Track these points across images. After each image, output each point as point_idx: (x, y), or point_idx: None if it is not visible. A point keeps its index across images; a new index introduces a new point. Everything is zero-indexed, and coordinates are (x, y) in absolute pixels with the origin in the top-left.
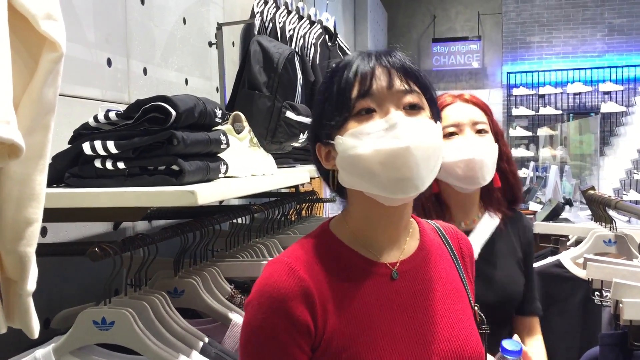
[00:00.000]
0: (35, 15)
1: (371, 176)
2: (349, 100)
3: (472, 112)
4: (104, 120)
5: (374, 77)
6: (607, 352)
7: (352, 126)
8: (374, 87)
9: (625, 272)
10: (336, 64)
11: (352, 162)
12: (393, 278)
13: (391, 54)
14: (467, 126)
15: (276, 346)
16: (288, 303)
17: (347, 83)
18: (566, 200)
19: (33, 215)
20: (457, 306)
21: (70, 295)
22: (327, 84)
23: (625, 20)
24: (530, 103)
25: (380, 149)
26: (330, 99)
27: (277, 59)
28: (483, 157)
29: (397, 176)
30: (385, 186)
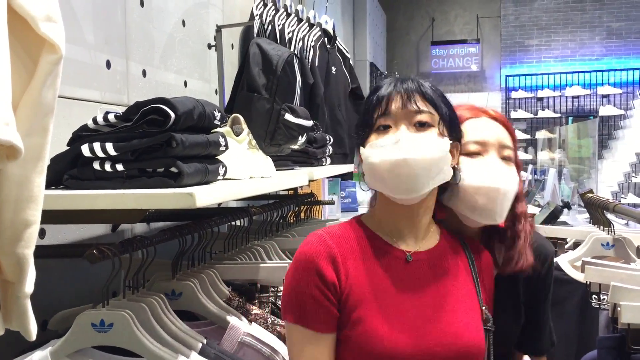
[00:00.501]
0: (35, 17)
1: (382, 180)
2: (372, 118)
3: (500, 132)
4: (102, 122)
5: (391, 100)
6: (605, 355)
7: (371, 139)
8: (391, 107)
9: (623, 276)
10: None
11: (369, 168)
12: (407, 261)
13: (411, 80)
14: (494, 148)
15: (312, 299)
16: (317, 262)
17: (371, 104)
18: (564, 203)
19: (31, 217)
20: (464, 301)
21: (68, 297)
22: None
23: (623, 24)
24: (529, 106)
25: (386, 159)
26: (361, 116)
27: (276, 62)
28: (509, 189)
29: (398, 181)
30: (391, 189)
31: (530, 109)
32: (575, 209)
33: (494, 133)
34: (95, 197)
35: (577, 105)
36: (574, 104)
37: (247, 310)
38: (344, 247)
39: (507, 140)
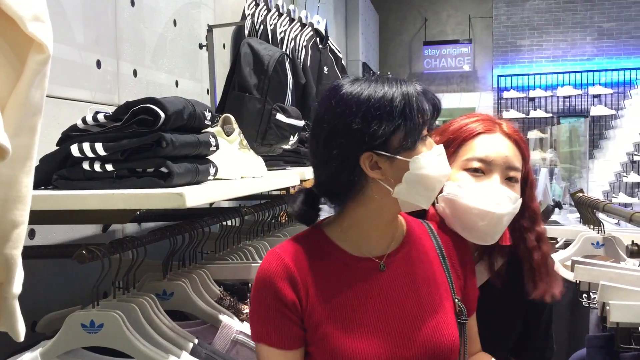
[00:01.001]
0: (23, 17)
1: (428, 192)
2: (421, 127)
3: (509, 151)
4: (92, 122)
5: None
6: (594, 354)
7: (421, 150)
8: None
9: (612, 275)
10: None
11: (420, 180)
12: (381, 269)
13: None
14: (499, 169)
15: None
16: (276, 284)
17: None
18: (556, 202)
19: (19, 218)
20: (436, 296)
21: (58, 299)
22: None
23: (614, 24)
24: (521, 106)
25: (443, 174)
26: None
27: (268, 61)
28: (505, 214)
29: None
30: (428, 200)
31: (522, 109)
32: (566, 209)
33: (502, 153)
34: (84, 198)
35: (568, 105)
36: (566, 104)
37: (238, 310)
38: (303, 264)
39: (516, 161)
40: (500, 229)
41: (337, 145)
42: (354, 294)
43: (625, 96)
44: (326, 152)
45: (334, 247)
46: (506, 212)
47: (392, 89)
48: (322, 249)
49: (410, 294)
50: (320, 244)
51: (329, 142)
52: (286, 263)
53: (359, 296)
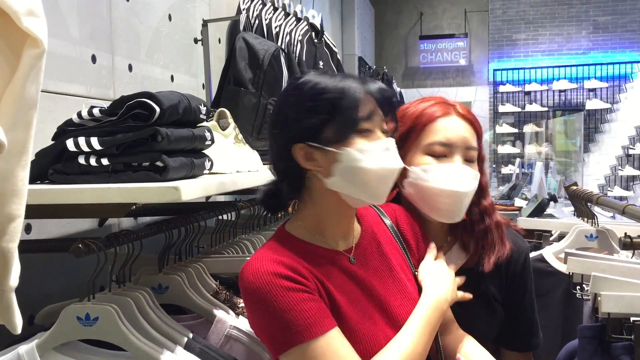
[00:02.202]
0: (17, 11)
1: (367, 186)
2: (358, 118)
3: (467, 132)
4: (87, 116)
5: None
6: (585, 345)
7: (357, 142)
8: (375, 111)
9: (604, 266)
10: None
11: (354, 172)
12: (351, 263)
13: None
14: (459, 150)
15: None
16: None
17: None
18: (551, 196)
19: (15, 211)
20: (402, 277)
21: (54, 292)
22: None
23: (610, 18)
24: (517, 100)
25: (384, 167)
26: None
27: (263, 56)
28: (469, 191)
29: (384, 189)
30: (373, 195)
31: (517, 103)
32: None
33: (461, 135)
34: (80, 192)
35: (564, 99)
36: (561, 98)
37: (234, 304)
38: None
39: (473, 140)
40: (465, 206)
41: (274, 135)
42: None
43: (621, 90)
44: (270, 142)
45: (305, 244)
46: (470, 190)
47: (333, 83)
48: (296, 247)
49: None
50: (292, 244)
51: (270, 132)
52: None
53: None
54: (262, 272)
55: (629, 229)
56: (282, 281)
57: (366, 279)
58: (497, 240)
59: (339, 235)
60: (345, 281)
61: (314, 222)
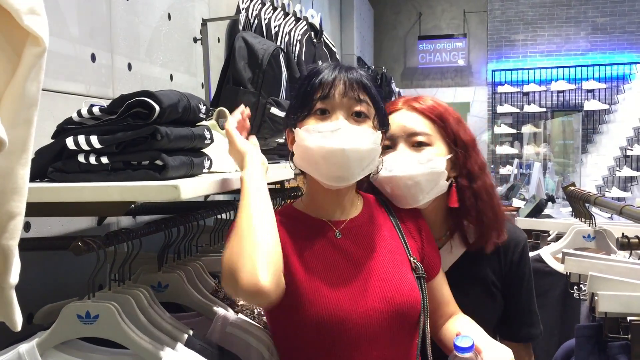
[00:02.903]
0: (18, 9)
1: (315, 165)
2: (311, 101)
3: (411, 122)
4: (87, 115)
5: (333, 85)
6: (582, 344)
7: (309, 122)
8: (332, 93)
9: (601, 266)
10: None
11: (303, 151)
12: (337, 237)
13: (352, 69)
14: (402, 140)
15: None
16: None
17: (312, 86)
18: (549, 196)
19: (16, 209)
20: (394, 258)
21: (54, 291)
22: (300, 84)
23: (608, 19)
24: (515, 101)
25: (323, 146)
26: (298, 97)
27: (262, 55)
28: (409, 175)
29: (332, 170)
30: (323, 175)
31: (516, 104)
32: (559, 203)
33: (400, 124)
34: (80, 190)
35: (562, 99)
36: (560, 99)
37: (233, 302)
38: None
39: (420, 126)
40: (411, 190)
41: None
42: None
43: (619, 91)
44: None
45: (298, 212)
46: (410, 174)
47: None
48: (289, 215)
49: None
50: (288, 212)
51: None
52: None
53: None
54: None
55: (627, 230)
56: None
57: (350, 251)
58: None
59: (327, 209)
60: (324, 247)
61: (308, 197)
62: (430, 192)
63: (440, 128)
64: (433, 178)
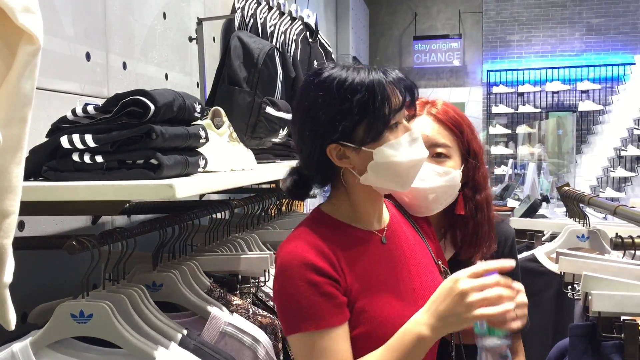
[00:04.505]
0: (13, 8)
1: (398, 177)
2: (388, 116)
3: (433, 132)
4: (82, 113)
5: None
6: (576, 343)
7: (389, 138)
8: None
9: (595, 266)
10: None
11: (387, 168)
12: (383, 243)
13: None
14: None
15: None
16: (314, 263)
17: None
18: (543, 197)
19: (10, 208)
20: (427, 261)
21: (48, 290)
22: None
23: (602, 20)
24: (510, 101)
25: (413, 159)
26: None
27: (257, 55)
28: (431, 188)
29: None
30: (404, 184)
31: (511, 104)
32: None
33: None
34: (74, 189)
35: (557, 100)
36: (554, 99)
37: (228, 301)
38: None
39: (440, 137)
40: (430, 202)
41: (306, 136)
42: (372, 264)
43: (613, 91)
44: (300, 141)
45: (342, 224)
46: (432, 186)
47: (360, 80)
48: (333, 226)
49: (410, 261)
50: (329, 223)
51: (301, 131)
52: (312, 242)
53: (376, 265)
54: (293, 256)
55: (620, 230)
56: (309, 273)
57: (398, 257)
58: (486, 236)
59: (372, 218)
60: (377, 260)
61: (349, 207)
62: (444, 203)
63: (457, 139)
64: (450, 191)
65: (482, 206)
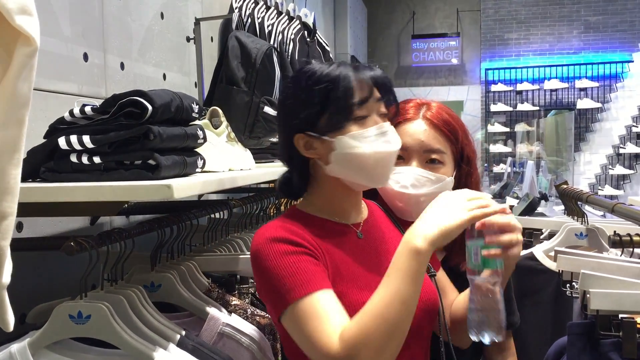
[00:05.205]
0: (10, 9)
1: (364, 170)
2: (351, 106)
3: (429, 137)
4: (79, 114)
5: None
6: (574, 341)
7: (352, 129)
8: (369, 97)
9: (593, 264)
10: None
11: (350, 159)
12: (359, 237)
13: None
14: (417, 155)
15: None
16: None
17: (349, 90)
18: (542, 195)
19: (7, 209)
20: None
21: (46, 291)
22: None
23: (600, 18)
24: (508, 99)
25: (379, 151)
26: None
27: (255, 55)
28: (422, 194)
29: (383, 172)
30: (371, 178)
31: (509, 102)
32: (552, 201)
33: (417, 139)
34: (72, 190)
35: (555, 98)
36: (553, 97)
37: (226, 302)
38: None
39: (435, 143)
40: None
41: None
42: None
43: (612, 89)
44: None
45: (314, 217)
46: (423, 193)
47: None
48: (305, 220)
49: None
50: (301, 217)
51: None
52: (288, 227)
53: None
54: (263, 238)
55: (619, 228)
56: (280, 245)
57: (373, 253)
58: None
59: (347, 211)
60: (353, 253)
61: (322, 201)
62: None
63: (452, 144)
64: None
65: None
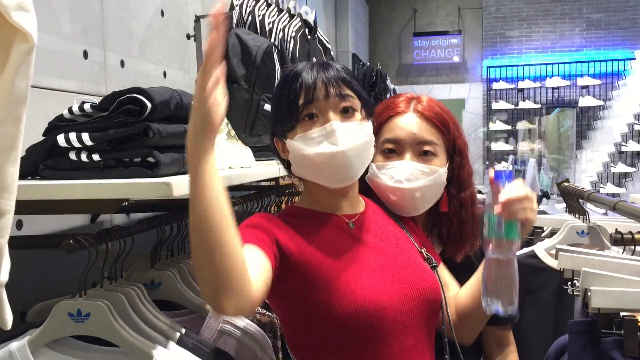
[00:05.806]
0: (7, 6)
1: (317, 172)
2: (297, 108)
3: (420, 129)
4: (78, 112)
5: (316, 88)
6: (575, 339)
7: (299, 131)
8: (316, 96)
9: (594, 262)
10: (286, 74)
11: (301, 160)
12: (350, 227)
13: (328, 66)
14: (409, 147)
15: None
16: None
17: (294, 93)
18: (544, 192)
19: (5, 207)
20: (407, 247)
21: (46, 289)
22: (280, 90)
23: (602, 15)
24: (510, 97)
25: (322, 152)
26: (282, 106)
27: (255, 52)
28: (417, 188)
29: (336, 173)
30: (326, 179)
31: (511, 100)
32: (554, 199)
33: (410, 132)
34: (71, 187)
35: (557, 96)
36: (554, 95)
37: None
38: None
39: (427, 135)
40: (416, 202)
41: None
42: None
43: (614, 87)
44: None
45: (307, 210)
46: (418, 186)
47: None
48: (297, 215)
49: (386, 246)
50: (294, 211)
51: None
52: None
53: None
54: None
55: (620, 225)
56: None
57: (367, 241)
58: (469, 234)
59: (336, 204)
60: (343, 238)
61: (311, 198)
62: (430, 202)
63: (443, 136)
64: (436, 189)
65: (466, 204)
